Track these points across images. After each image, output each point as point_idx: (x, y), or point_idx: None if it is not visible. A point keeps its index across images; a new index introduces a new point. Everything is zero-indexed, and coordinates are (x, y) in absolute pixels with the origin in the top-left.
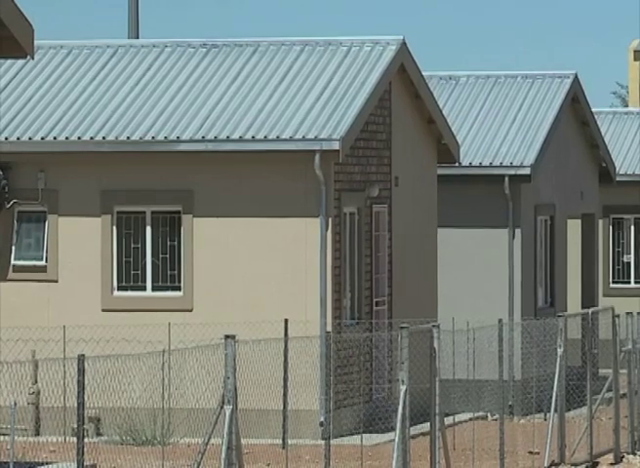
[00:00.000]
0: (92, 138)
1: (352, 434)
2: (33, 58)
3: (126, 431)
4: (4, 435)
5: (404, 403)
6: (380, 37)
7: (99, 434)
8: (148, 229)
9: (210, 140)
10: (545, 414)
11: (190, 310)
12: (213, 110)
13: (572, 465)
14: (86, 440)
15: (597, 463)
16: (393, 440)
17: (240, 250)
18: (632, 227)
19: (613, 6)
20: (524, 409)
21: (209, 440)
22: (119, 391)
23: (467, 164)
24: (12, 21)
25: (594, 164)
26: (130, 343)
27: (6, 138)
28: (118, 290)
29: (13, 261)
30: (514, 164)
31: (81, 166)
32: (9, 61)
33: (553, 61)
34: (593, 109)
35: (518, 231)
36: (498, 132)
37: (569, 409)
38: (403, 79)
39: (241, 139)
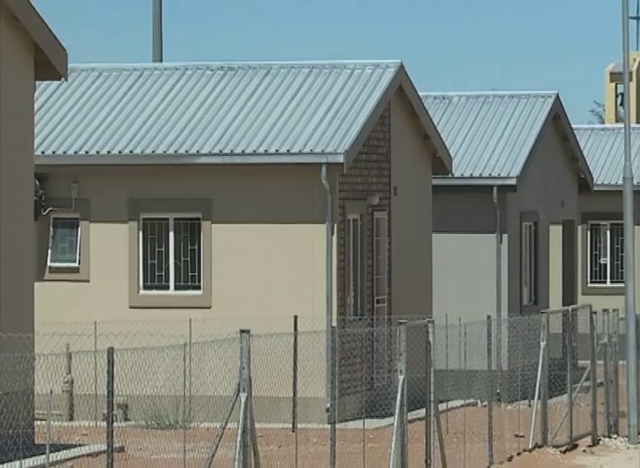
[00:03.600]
0: (120, 152)
1: (355, 419)
2: (67, 80)
3: (151, 416)
4: (41, 420)
5: (402, 391)
6: (380, 61)
7: (126, 419)
8: (171, 234)
9: (227, 154)
10: (530, 401)
11: (209, 307)
12: (229, 126)
13: (553, 447)
14: (115, 424)
15: (576, 445)
16: (392, 424)
17: (254, 253)
18: (608, 232)
19: (591, 32)
20: (510, 396)
21: (226, 424)
22: (145, 380)
23: (459, 175)
24: (47, 47)
25: (574, 175)
26: (154, 337)
27: (42, 152)
28: (144, 289)
29: (49, 263)
30: (501, 175)
31: (110, 177)
32: (45, 83)
33: (537, 82)
34: (573, 126)
35: (505, 236)
36: (486, 146)
37: (551, 397)
38: (401, 99)
39: (255, 153)
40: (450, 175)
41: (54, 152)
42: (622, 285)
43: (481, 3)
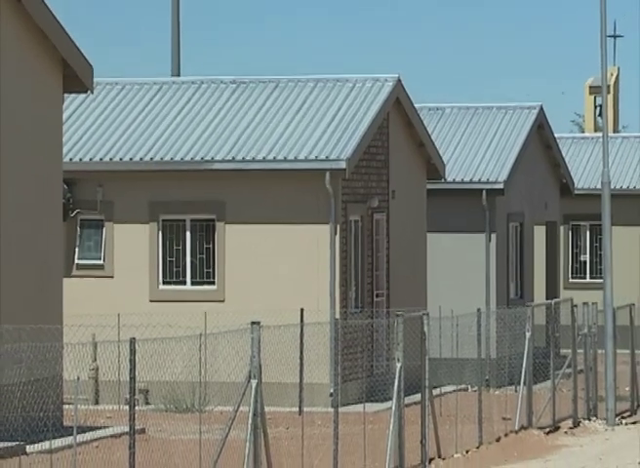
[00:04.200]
0: (141, 159)
1: (356, 403)
2: (93, 93)
3: (169, 401)
4: (69, 404)
5: (399, 377)
6: (379, 75)
7: (147, 403)
8: (188, 234)
9: (239, 161)
10: (516, 387)
11: (223, 301)
12: (241, 135)
13: (538, 428)
14: (136, 408)
15: (559, 427)
16: (391, 408)
17: (264, 251)
18: (587, 232)
19: (572, 50)
20: (498, 382)
21: (238, 408)
22: (164, 368)
23: (451, 180)
24: (74, 62)
25: (556, 180)
26: (172, 328)
27: (70, 159)
28: (163, 284)
29: (76, 261)
30: (490, 180)
31: (132, 181)
32: (72, 95)
33: (523, 95)
34: (556, 135)
35: (493, 235)
36: (476, 153)
37: (535, 383)
38: (398, 110)
39: (264, 160)
40: (443, 180)
41: (81, 159)
42: (601, 280)
43: (472, 24)
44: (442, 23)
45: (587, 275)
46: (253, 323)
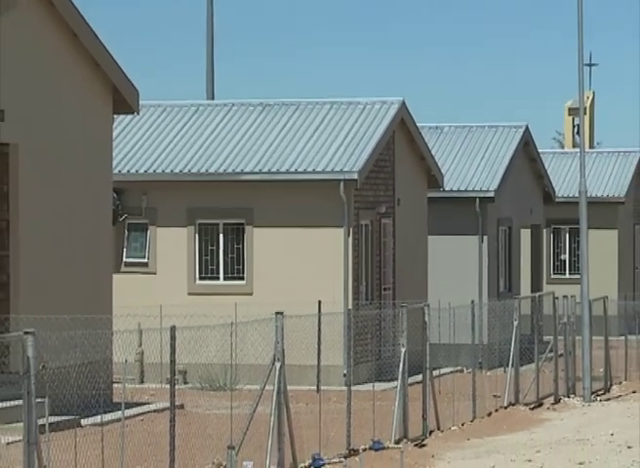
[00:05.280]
0: (180, 171)
1: (367, 382)
2: (138, 114)
3: (205, 380)
4: (118, 383)
5: (404, 360)
6: (386, 98)
7: (185, 382)
8: (221, 236)
9: (265, 172)
10: (505, 368)
11: (251, 294)
12: (267, 150)
13: (524, 405)
14: (176, 386)
15: (542, 403)
16: (396, 387)
17: (286, 250)
18: (567, 235)
19: (554, 76)
20: (489, 364)
21: (264, 386)
22: (200, 352)
23: (449, 189)
24: (123, 88)
25: (540, 189)
26: (207, 318)
27: (119, 171)
28: (199, 279)
29: (124, 259)
30: (482, 189)
31: (172, 190)
32: (121, 116)
33: (511, 115)
34: (539, 150)
35: (485, 237)
36: (470, 166)
37: (522, 365)
38: (403, 128)
39: (287, 172)
40: (442, 189)
41: (128, 171)
42: (579, 276)
43: (468, 55)
44: (441, 56)
45: (567, 272)
46: (277, 313)
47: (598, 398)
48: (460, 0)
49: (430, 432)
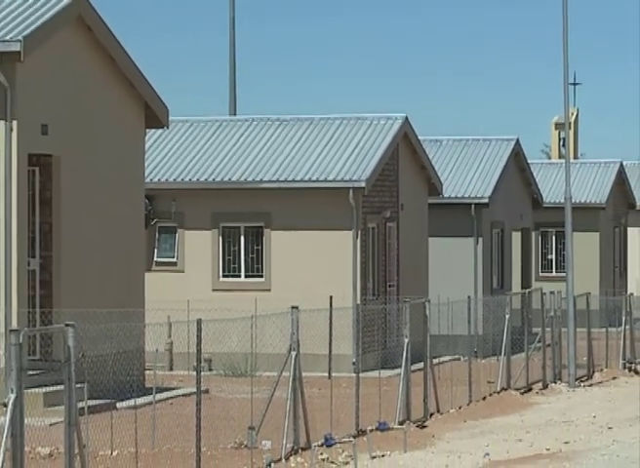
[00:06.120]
0: (206, 179)
1: (373, 370)
2: (168, 128)
3: (228, 367)
4: (150, 370)
5: (407, 349)
6: (391, 114)
7: (210, 369)
8: (242, 238)
9: (282, 181)
10: (498, 357)
11: (269, 290)
12: (283, 161)
13: (515, 389)
14: (202, 373)
15: (531, 389)
16: (400, 373)
17: (301, 251)
18: (554, 237)
19: (542, 93)
20: (484, 353)
21: (281, 373)
22: (223, 342)
23: (447, 196)
24: (154, 105)
25: (529, 196)
26: (230, 312)
27: (151, 179)
28: (223, 277)
29: (155, 258)
30: (477, 196)
31: (199, 197)
32: (152, 130)
33: (503, 129)
34: (529, 161)
35: (480, 239)
36: (467, 175)
37: (513, 354)
38: (406, 141)
39: (302, 180)
40: (441, 196)
41: (159, 179)
42: (564, 274)
43: (464, 77)
44: (442, 78)
45: (554, 270)
46: (292, 307)
47: (582, 384)
48: (457, 31)
49: (431, 414)
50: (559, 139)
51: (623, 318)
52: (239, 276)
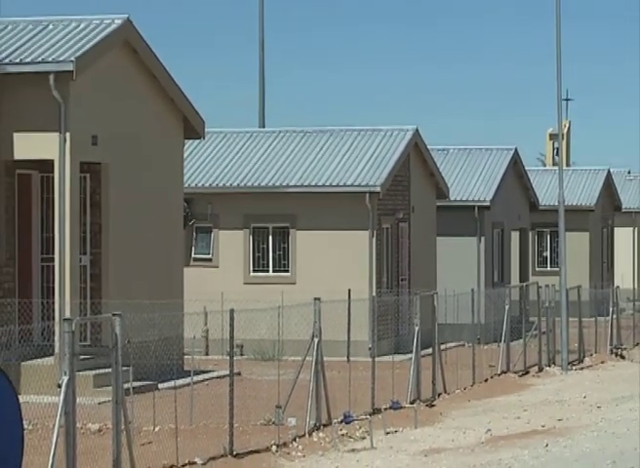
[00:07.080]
0: (238, 185)
1: (387, 355)
2: (204, 139)
3: (258, 352)
4: (188, 354)
5: (417, 336)
6: (403, 126)
7: (242, 354)
8: (270, 237)
9: (306, 185)
10: (498, 343)
11: (294, 283)
12: (307, 168)
13: (513, 373)
14: (234, 358)
15: (528, 372)
16: (411, 358)
17: (323, 249)
18: (548, 236)
19: (538, 107)
20: (486, 339)
21: (305, 358)
22: (253, 329)
23: (453, 199)
24: (192, 118)
25: (526, 199)
26: (259, 302)
27: (189, 184)
28: (253, 272)
29: (193, 255)
30: (480, 199)
31: (232, 200)
32: (190, 141)
33: (503, 139)
34: (526, 168)
35: (483, 238)
36: (471, 181)
37: (512, 340)
38: (416, 151)
39: (323, 185)
40: (447, 199)
41: (196, 184)
42: (558, 269)
43: (471, 86)
44: (450, 92)
45: (548, 265)
46: (315, 299)
47: (573, 367)
48: (461, 53)
49: (439, 394)
50: (553, 149)
51: (611, 308)
52: (267, 271)
